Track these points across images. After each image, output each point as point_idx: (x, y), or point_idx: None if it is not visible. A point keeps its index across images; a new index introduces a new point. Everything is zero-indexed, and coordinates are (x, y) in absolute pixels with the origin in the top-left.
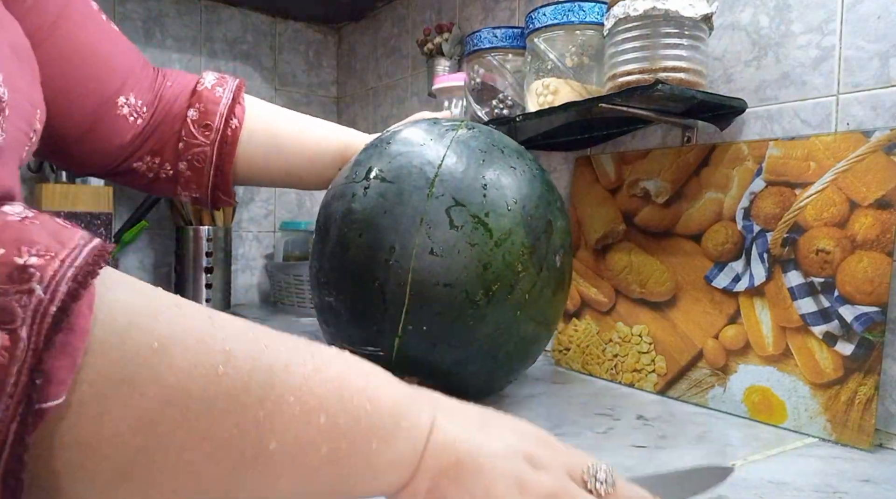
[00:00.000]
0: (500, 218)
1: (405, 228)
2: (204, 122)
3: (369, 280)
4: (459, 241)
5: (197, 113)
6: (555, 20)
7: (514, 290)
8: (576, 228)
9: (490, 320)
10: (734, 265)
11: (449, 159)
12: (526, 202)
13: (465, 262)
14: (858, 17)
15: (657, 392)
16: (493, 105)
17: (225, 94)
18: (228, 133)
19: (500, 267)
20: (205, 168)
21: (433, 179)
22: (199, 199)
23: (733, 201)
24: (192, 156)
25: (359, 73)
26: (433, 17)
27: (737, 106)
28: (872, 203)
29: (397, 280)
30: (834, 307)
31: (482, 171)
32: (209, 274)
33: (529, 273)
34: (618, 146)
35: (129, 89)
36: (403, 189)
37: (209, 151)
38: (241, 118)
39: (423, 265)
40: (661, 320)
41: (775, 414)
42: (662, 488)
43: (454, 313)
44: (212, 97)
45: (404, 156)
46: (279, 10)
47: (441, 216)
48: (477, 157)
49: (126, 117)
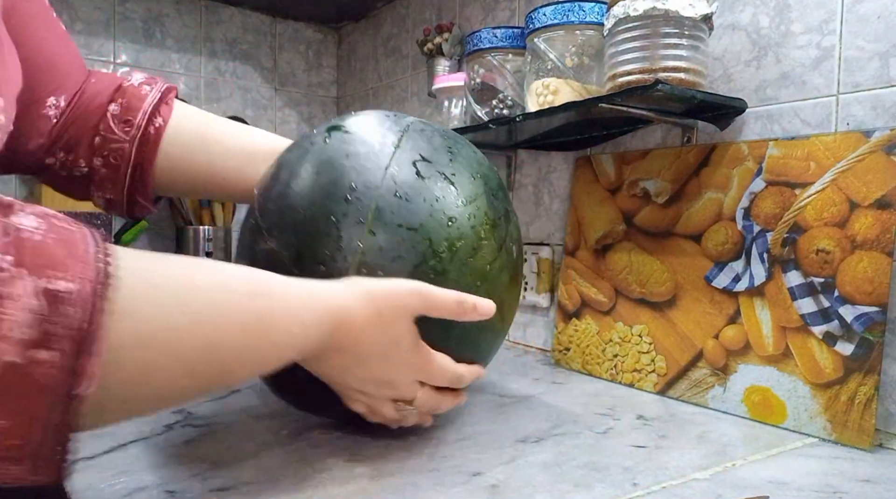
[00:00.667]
0: (465, 182)
1: (369, 169)
2: (125, 118)
3: (323, 217)
4: (426, 189)
5: (119, 108)
6: (555, 20)
7: (476, 254)
8: (576, 228)
9: (451, 279)
10: (734, 265)
11: (413, 129)
12: (488, 180)
13: (430, 210)
14: (858, 17)
15: (657, 392)
16: (493, 105)
17: (152, 93)
18: (151, 131)
19: (465, 226)
20: (121, 166)
21: (400, 137)
22: (112, 201)
23: (733, 201)
24: (109, 152)
25: (359, 73)
26: (433, 17)
27: (737, 106)
28: (872, 203)
29: (357, 217)
30: (834, 307)
31: (447, 143)
32: None
33: (491, 245)
34: (618, 146)
35: (61, 92)
36: (367, 140)
37: (128, 148)
38: (167, 118)
39: (387, 204)
40: (661, 320)
41: (775, 414)
42: None
43: (415, 260)
44: (137, 93)
45: (365, 124)
46: (279, 10)
47: (408, 167)
48: (440, 133)
49: (49, 117)
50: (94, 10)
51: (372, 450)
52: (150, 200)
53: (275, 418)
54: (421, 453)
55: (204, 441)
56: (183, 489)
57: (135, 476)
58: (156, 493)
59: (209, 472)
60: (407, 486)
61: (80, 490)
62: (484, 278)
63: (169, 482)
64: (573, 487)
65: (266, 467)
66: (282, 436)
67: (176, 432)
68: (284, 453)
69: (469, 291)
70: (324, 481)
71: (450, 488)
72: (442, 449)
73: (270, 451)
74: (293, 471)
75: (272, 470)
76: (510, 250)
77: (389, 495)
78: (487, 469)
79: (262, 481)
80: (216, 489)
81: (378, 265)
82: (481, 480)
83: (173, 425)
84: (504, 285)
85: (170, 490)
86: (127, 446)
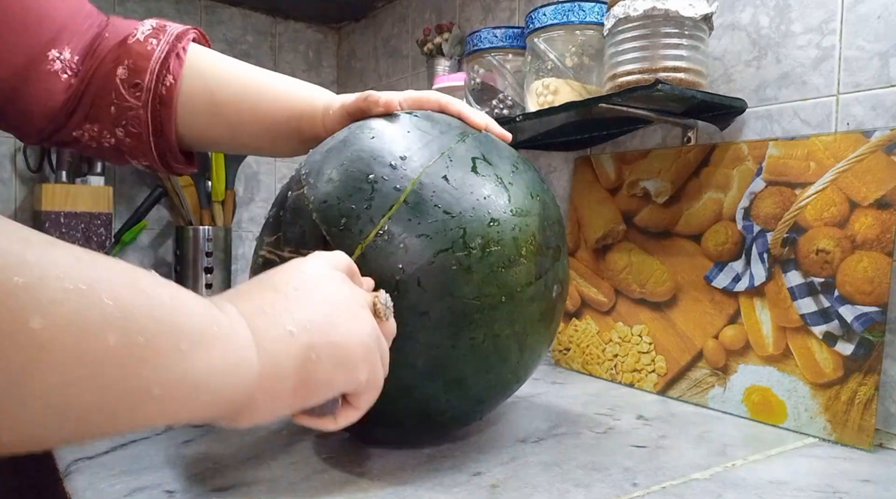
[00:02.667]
0: (521, 195)
1: (425, 147)
2: (133, 82)
3: (363, 174)
4: (477, 184)
5: (126, 71)
6: (555, 20)
7: (509, 268)
8: (576, 228)
9: (474, 280)
10: (734, 265)
11: (486, 136)
12: (546, 208)
13: (474, 203)
14: (858, 17)
15: (657, 392)
16: (493, 105)
17: (159, 46)
18: (162, 91)
19: (507, 235)
20: (142, 134)
21: (467, 134)
22: (151, 167)
23: (733, 201)
24: (127, 121)
25: (359, 73)
26: (433, 17)
27: (737, 106)
28: (872, 203)
29: (396, 184)
30: (834, 307)
31: (515, 159)
32: (209, 274)
33: (529, 269)
34: (618, 146)
35: (63, 41)
36: (433, 125)
37: (143, 115)
38: (178, 74)
39: (431, 183)
40: (661, 320)
41: (775, 414)
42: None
43: (442, 245)
44: (142, 51)
45: (438, 116)
46: (279, 10)
47: (466, 159)
48: (512, 150)
49: (57, 74)
50: None
51: (372, 450)
52: (181, 161)
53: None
54: (421, 453)
55: (204, 441)
56: (183, 489)
57: (135, 476)
58: (156, 493)
59: (209, 472)
60: (407, 486)
61: (80, 490)
62: (510, 297)
63: (169, 482)
64: (573, 487)
65: (266, 467)
66: (282, 436)
67: (176, 431)
68: (284, 453)
69: (491, 304)
70: (324, 482)
71: (450, 488)
72: (442, 449)
73: (270, 451)
74: (293, 471)
75: (272, 470)
76: (549, 287)
77: (389, 496)
78: (487, 469)
79: (261, 481)
80: (216, 489)
81: (399, 236)
82: (481, 480)
83: (173, 425)
84: (531, 319)
85: (170, 490)
86: (127, 446)
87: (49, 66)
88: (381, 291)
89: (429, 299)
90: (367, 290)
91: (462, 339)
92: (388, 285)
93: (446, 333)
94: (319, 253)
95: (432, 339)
